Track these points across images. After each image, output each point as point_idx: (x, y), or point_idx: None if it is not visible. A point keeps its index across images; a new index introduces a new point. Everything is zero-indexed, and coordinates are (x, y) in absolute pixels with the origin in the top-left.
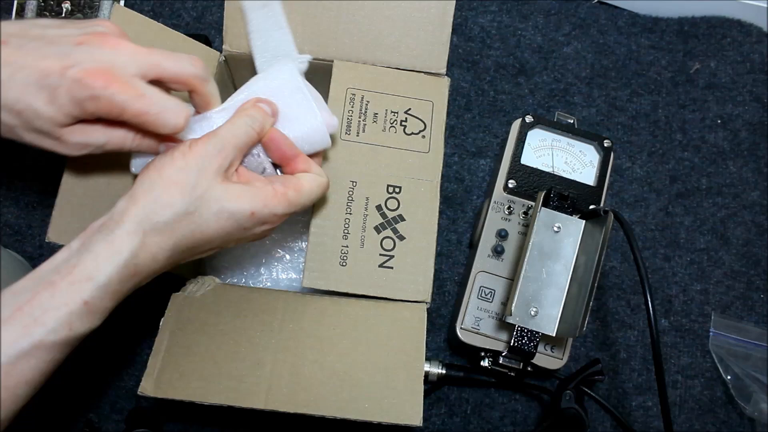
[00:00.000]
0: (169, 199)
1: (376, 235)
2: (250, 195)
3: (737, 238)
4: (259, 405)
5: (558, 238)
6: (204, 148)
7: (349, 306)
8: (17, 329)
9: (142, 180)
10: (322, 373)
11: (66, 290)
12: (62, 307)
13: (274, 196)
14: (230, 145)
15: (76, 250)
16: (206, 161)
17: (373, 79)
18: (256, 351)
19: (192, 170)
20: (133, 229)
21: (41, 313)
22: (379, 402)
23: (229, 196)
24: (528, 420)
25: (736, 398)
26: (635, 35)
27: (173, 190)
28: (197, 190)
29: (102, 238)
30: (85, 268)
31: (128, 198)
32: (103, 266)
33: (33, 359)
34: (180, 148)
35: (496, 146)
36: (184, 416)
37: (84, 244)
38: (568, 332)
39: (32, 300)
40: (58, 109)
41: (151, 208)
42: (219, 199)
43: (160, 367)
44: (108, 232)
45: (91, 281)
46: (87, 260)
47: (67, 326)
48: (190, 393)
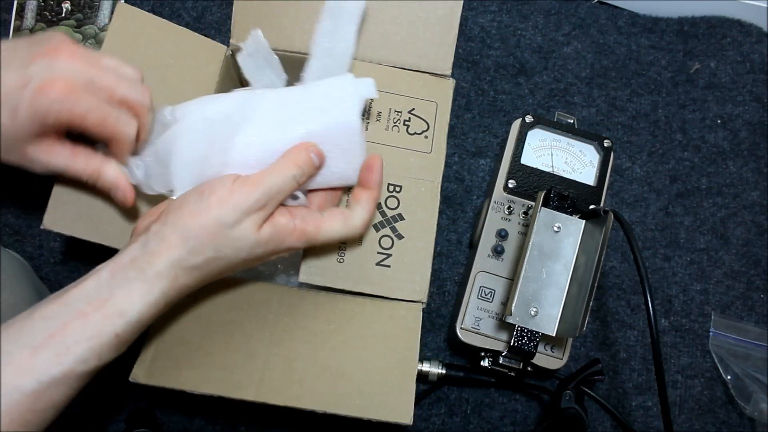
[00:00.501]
0: (202, 248)
1: (375, 233)
2: (274, 239)
3: (737, 238)
4: (250, 396)
5: (558, 238)
6: (248, 198)
7: (344, 302)
8: (50, 356)
9: (176, 220)
10: (314, 367)
11: (98, 323)
12: (94, 339)
13: (293, 232)
14: (273, 200)
15: (106, 282)
16: (245, 215)
17: (378, 78)
18: (250, 343)
19: (228, 223)
20: (165, 273)
21: (73, 343)
22: (370, 399)
23: (258, 244)
24: (528, 420)
25: (736, 398)
26: (635, 35)
27: (207, 240)
28: (229, 241)
29: (134, 275)
30: (117, 303)
31: (160, 237)
32: (136, 303)
33: (63, 386)
34: (219, 193)
35: (496, 146)
36: (184, 416)
37: (115, 276)
38: (568, 332)
39: (64, 328)
40: (20, 125)
41: (184, 256)
42: (249, 248)
43: (153, 356)
44: (140, 270)
45: (123, 317)
46: (119, 296)
47: (96, 356)
48: (182, 382)
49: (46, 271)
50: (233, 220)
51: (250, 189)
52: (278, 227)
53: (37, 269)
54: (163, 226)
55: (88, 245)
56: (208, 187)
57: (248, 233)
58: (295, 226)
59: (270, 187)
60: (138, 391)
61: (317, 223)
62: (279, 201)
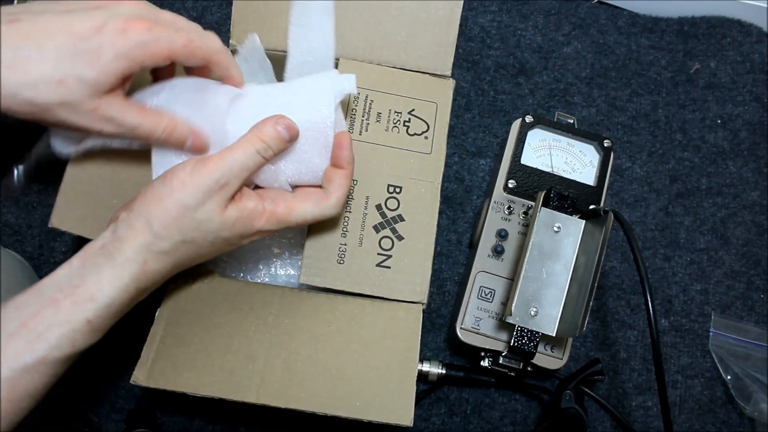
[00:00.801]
0: (167, 233)
1: (375, 234)
2: (241, 221)
3: (737, 238)
4: (250, 399)
5: (558, 238)
6: (207, 179)
7: (344, 304)
8: (22, 344)
9: (140, 206)
10: (314, 369)
11: (70, 309)
12: (66, 325)
13: (262, 214)
14: (236, 178)
15: (77, 269)
16: (207, 196)
17: (377, 79)
18: (250, 345)
19: (190, 206)
20: (134, 257)
21: (45, 329)
22: (370, 400)
23: (224, 227)
24: (528, 420)
25: (736, 398)
26: (635, 35)
27: (171, 224)
28: (194, 223)
29: (103, 261)
30: (88, 289)
31: (127, 223)
32: (106, 288)
33: (36, 373)
34: (180, 176)
35: (496, 146)
36: (184, 416)
37: (84, 264)
38: (568, 332)
39: (36, 316)
40: (102, 69)
41: (150, 240)
42: (215, 231)
43: (154, 357)
44: (109, 256)
45: (94, 302)
46: (90, 281)
47: (70, 343)
48: (182, 384)
49: (46, 271)
50: (195, 201)
51: (210, 168)
52: (246, 210)
53: (37, 269)
54: (130, 213)
55: None
56: (171, 172)
57: (212, 215)
58: (264, 208)
59: (231, 164)
60: (138, 391)
61: (288, 204)
62: (243, 178)
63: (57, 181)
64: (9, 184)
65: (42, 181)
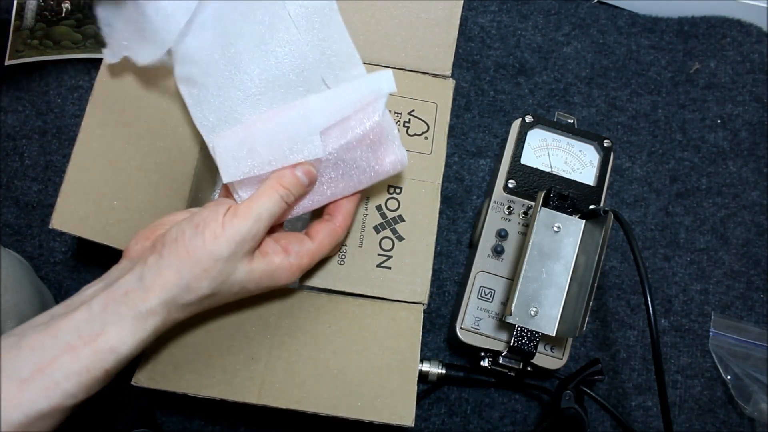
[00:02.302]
0: (197, 285)
1: (375, 235)
2: (268, 275)
3: (737, 238)
4: (251, 399)
5: (558, 238)
6: (240, 230)
7: (345, 304)
8: (38, 391)
9: (172, 256)
10: (315, 370)
11: (88, 358)
12: (83, 374)
13: (289, 270)
14: (264, 227)
15: (98, 314)
16: (238, 247)
17: None
18: (251, 346)
19: (222, 257)
20: (159, 311)
21: (62, 378)
22: (371, 401)
23: (251, 279)
24: (528, 420)
25: (736, 398)
26: (635, 35)
27: (202, 277)
28: (223, 275)
29: (126, 312)
30: (109, 339)
31: (155, 271)
32: (128, 340)
33: (50, 419)
34: (212, 228)
35: (496, 146)
36: (184, 416)
37: (106, 309)
38: (568, 332)
39: (53, 362)
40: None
41: (179, 293)
42: (242, 282)
43: (155, 359)
44: (133, 306)
45: (114, 353)
46: (111, 332)
47: (85, 391)
48: (184, 385)
49: (46, 271)
50: (228, 253)
51: (241, 220)
52: (272, 265)
53: (37, 269)
54: (159, 259)
55: (89, 245)
56: (203, 220)
57: (241, 266)
58: (290, 263)
59: (259, 213)
60: (138, 391)
61: (311, 254)
62: (269, 226)
63: (57, 182)
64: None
65: (42, 182)
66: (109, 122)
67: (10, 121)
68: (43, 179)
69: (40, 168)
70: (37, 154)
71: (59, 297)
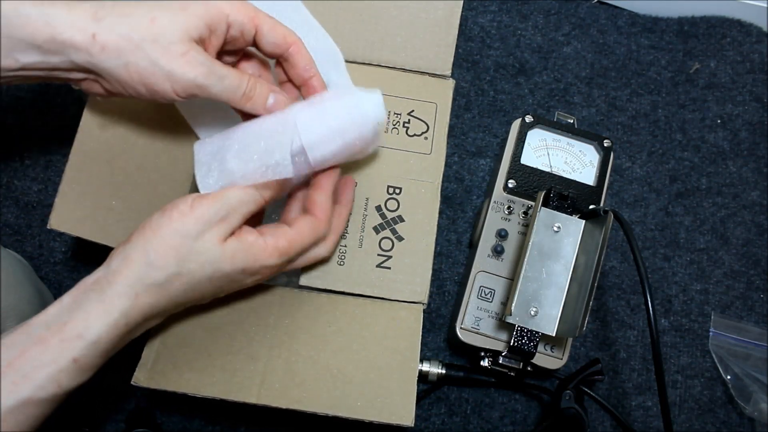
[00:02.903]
0: (163, 262)
1: (375, 235)
2: (242, 253)
3: (737, 238)
4: (251, 399)
5: (558, 238)
6: (207, 211)
7: (345, 304)
8: (6, 385)
9: (138, 238)
10: (315, 369)
11: (56, 347)
12: (51, 364)
13: (264, 249)
14: (235, 212)
15: (67, 307)
16: (206, 227)
17: (377, 80)
18: (251, 345)
19: (190, 235)
20: (125, 291)
21: (30, 369)
22: (371, 401)
23: (223, 258)
24: (528, 420)
25: (736, 398)
26: (635, 35)
27: (168, 253)
28: (192, 254)
29: (94, 297)
30: (76, 326)
31: (122, 256)
32: (94, 325)
33: (21, 415)
34: (180, 207)
35: (496, 146)
36: (184, 416)
37: (76, 301)
38: (568, 332)
39: (22, 356)
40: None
41: (144, 271)
42: (213, 262)
43: (154, 358)
44: (100, 291)
45: (81, 339)
46: (77, 318)
47: (55, 383)
48: (183, 385)
49: (46, 271)
50: (195, 231)
51: (210, 201)
52: (246, 243)
53: (37, 269)
54: (126, 244)
55: (89, 245)
56: (171, 204)
57: (211, 245)
58: (266, 242)
59: (229, 198)
60: (138, 391)
61: (289, 236)
62: (242, 215)
63: (57, 182)
64: None
65: (42, 182)
66: (108, 122)
67: (10, 121)
68: (43, 179)
69: (40, 168)
70: (37, 154)
71: (59, 297)
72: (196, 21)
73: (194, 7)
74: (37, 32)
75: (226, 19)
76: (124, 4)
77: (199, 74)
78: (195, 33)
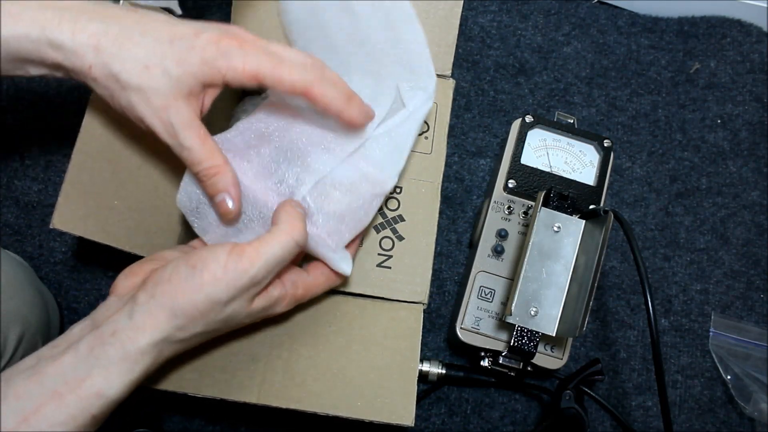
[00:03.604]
0: (191, 325)
1: (375, 234)
2: (265, 309)
3: (737, 238)
4: (252, 399)
5: (558, 238)
6: (243, 276)
7: (345, 304)
8: None
9: (163, 293)
10: (315, 369)
11: (74, 405)
12: (70, 422)
13: (284, 299)
14: (271, 274)
15: (84, 358)
16: (238, 293)
17: None
18: (251, 345)
19: (221, 301)
20: (149, 350)
21: (47, 427)
22: (371, 401)
23: (250, 316)
24: (528, 420)
25: (736, 398)
26: (635, 35)
27: (197, 317)
28: (220, 316)
29: (114, 353)
30: (95, 384)
31: (146, 310)
32: (115, 383)
33: None
34: (212, 269)
35: (496, 146)
36: (184, 416)
37: (93, 351)
38: (568, 332)
39: (38, 411)
40: (187, 68)
41: (170, 332)
42: (240, 321)
43: None
44: (121, 347)
45: (102, 397)
46: (97, 375)
47: None
48: (184, 385)
49: (46, 271)
50: (227, 298)
51: (246, 265)
52: (272, 299)
53: (37, 269)
54: (151, 298)
55: (89, 245)
56: (201, 261)
57: (240, 309)
58: (287, 293)
59: (267, 260)
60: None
61: (307, 285)
62: (277, 272)
63: (57, 182)
64: None
65: (42, 181)
66: (110, 122)
67: (10, 121)
68: (43, 179)
69: (40, 168)
70: (37, 154)
71: (60, 297)
72: (190, 80)
73: (190, 64)
74: (47, 56)
75: (222, 78)
76: (127, 36)
77: (164, 133)
78: (185, 89)
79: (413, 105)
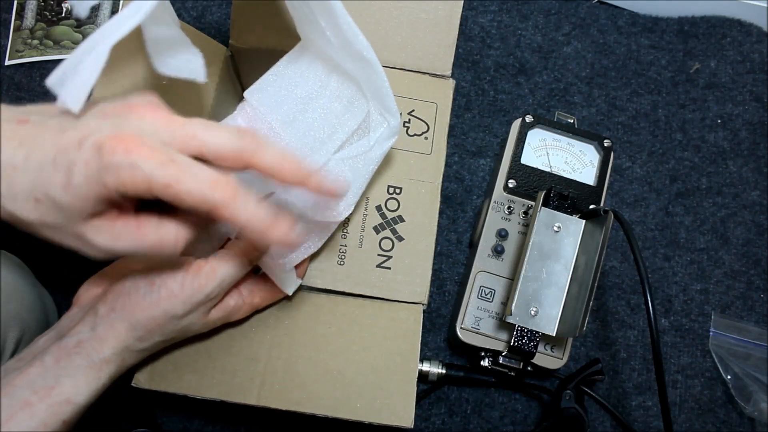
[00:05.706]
0: (150, 336)
1: (375, 235)
2: (223, 318)
3: (737, 238)
4: (251, 401)
5: (558, 238)
6: (198, 293)
7: (345, 305)
8: None
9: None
10: (315, 370)
11: (44, 412)
12: (41, 428)
13: (241, 308)
14: (224, 290)
15: (51, 368)
16: (194, 307)
17: None
18: (251, 346)
19: (177, 315)
20: (113, 359)
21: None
22: (371, 402)
23: (206, 326)
24: (528, 420)
25: (736, 398)
26: (635, 35)
27: (155, 330)
28: (178, 327)
29: (80, 362)
30: (64, 392)
31: (108, 323)
32: (83, 390)
33: None
34: (170, 286)
35: (496, 146)
36: (184, 416)
37: (59, 362)
38: (568, 332)
39: (9, 420)
40: (75, 193)
41: (131, 343)
42: (197, 330)
43: (155, 360)
44: (86, 356)
45: (71, 404)
46: (65, 383)
47: None
48: (183, 386)
49: (45, 271)
50: (182, 311)
51: (202, 282)
52: (228, 309)
53: (36, 270)
54: (111, 311)
55: None
56: (159, 278)
57: (197, 320)
58: (244, 301)
59: (222, 278)
60: (138, 392)
61: (263, 294)
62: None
63: None
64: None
65: None
66: None
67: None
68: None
69: None
70: None
71: (59, 298)
72: (82, 204)
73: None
74: None
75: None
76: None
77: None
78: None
79: (377, 135)
